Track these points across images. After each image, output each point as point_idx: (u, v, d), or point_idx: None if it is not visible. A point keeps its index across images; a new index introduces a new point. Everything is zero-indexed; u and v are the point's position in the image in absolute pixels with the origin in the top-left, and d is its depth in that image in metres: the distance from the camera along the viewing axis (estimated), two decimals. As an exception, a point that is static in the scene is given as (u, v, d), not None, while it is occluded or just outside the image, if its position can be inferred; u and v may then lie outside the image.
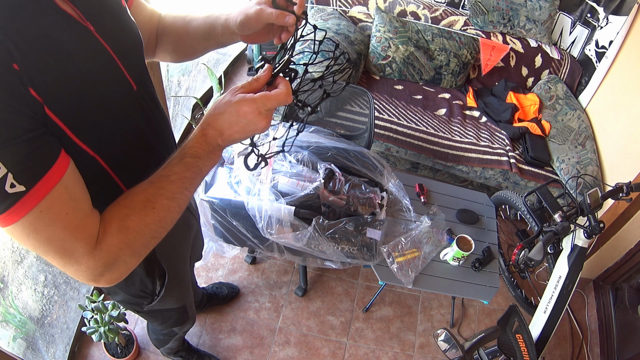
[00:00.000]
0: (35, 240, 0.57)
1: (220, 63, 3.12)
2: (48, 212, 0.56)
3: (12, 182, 0.52)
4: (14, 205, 0.53)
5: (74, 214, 0.59)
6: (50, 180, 0.56)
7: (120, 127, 0.74)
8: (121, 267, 0.65)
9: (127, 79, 0.74)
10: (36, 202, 0.55)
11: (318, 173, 1.56)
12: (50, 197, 0.56)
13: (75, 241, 0.59)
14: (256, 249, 1.58)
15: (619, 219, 2.02)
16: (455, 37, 2.57)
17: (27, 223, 0.55)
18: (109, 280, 0.65)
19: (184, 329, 1.46)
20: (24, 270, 1.62)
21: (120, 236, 0.63)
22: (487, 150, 2.32)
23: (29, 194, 0.54)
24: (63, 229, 0.58)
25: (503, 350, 1.47)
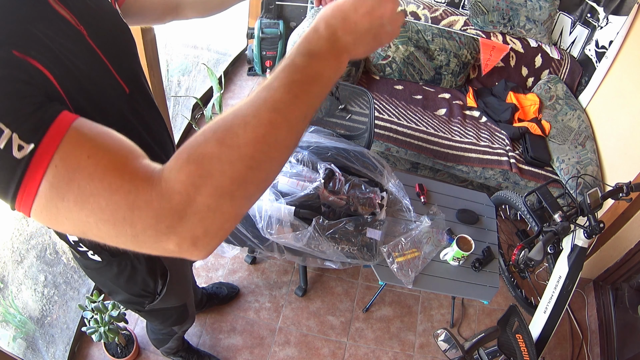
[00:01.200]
0: (67, 211, 0.44)
1: (220, 63, 3.12)
2: (64, 163, 0.44)
3: (20, 144, 0.43)
4: (28, 170, 0.43)
5: (99, 155, 0.45)
6: (60, 125, 0.45)
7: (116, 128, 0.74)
8: (201, 214, 0.44)
9: (119, 82, 0.74)
10: (50, 155, 0.44)
11: (318, 173, 1.56)
12: (63, 145, 0.44)
13: (111, 191, 0.43)
14: (256, 249, 1.58)
15: (619, 219, 2.02)
16: (455, 37, 2.57)
17: (49, 190, 0.44)
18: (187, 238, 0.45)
19: (183, 327, 1.45)
20: (24, 270, 1.62)
21: (191, 166, 0.44)
22: (487, 150, 2.32)
23: (39, 151, 0.43)
24: (88, 178, 0.44)
25: (503, 350, 1.47)
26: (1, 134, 0.43)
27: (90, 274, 1.02)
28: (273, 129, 0.47)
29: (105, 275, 0.98)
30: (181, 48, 2.86)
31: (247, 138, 0.46)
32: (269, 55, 2.99)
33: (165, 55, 2.39)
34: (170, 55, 2.52)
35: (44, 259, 1.71)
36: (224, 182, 0.45)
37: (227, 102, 2.93)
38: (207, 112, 2.46)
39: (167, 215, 0.44)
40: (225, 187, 0.45)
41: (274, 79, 0.49)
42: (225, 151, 0.45)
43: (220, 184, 0.45)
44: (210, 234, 0.46)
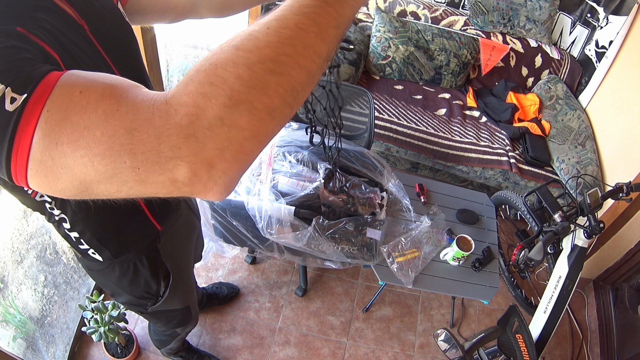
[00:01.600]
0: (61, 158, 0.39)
1: (220, 63, 3.12)
2: (55, 105, 0.39)
3: (12, 96, 0.39)
4: (21, 121, 0.39)
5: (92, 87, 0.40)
6: (53, 77, 0.41)
7: None
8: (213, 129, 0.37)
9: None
10: (42, 102, 0.39)
11: (318, 173, 1.56)
12: (55, 90, 0.40)
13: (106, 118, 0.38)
14: (256, 249, 1.58)
15: (619, 219, 2.02)
16: (455, 37, 2.57)
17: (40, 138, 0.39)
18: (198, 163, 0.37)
19: (186, 329, 1.46)
20: (24, 270, 1.62)
21: (201, 74, 0.38)
22: (487, 150, 2.32)
23: (32, 98, 0.39)
24: (81, 111, 0.38)
25: (503, 350, 1.47)
26: None
27: (93, 275, 1.02)
28: (300, 31, 0.40)
29: (108, 277, 0.98)
30: (181, 48, 2.86)
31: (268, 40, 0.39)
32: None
33: (165, 55, 2.39)
34: (170, 55, 2.52)
35: (44, 259, 1.71)
36: (240, 88, 0.37)
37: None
38: None
39: (172, 133, 0.36)
40: (242, 94, 0.37)
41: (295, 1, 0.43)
42: (242, 55, 0.38)
43: (235, 90, 0.37)
44: (227, 156, 0.38)
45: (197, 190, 0.39)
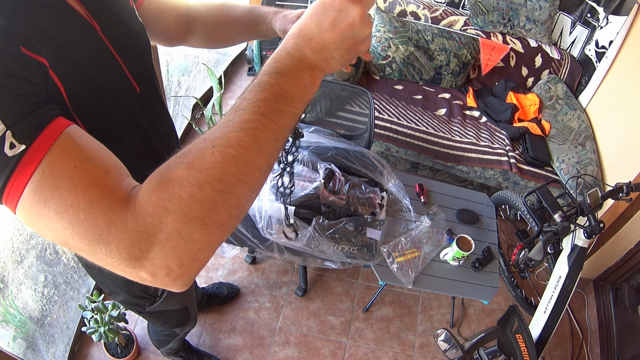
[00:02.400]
0: (46, 218, 0.44)
1: (220, 63, 3.12)
2: (51, 170, 0.44)
3: (12, 142, 0.43)
4: (16, 170, 0.43)
5: (85, 168, 0.45)
6: (53, 131, 0.45)
7: (124, 126, 0.73)
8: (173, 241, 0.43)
9: (131, 81, 0.73)
10: (38, 159, 0.44)
11: (318, 173, 1.56)
12: (53, 150, 0.44)
13: (90, 208, 0.43)
14: (256, 249, 1.58)
15: (619, 219, 2.02)
16: (455, 37, 2.57)
17: (33, 193, 0.44)
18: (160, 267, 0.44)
19: (185, 329, 1.46)
20: (24, 270, 1.62)
21: (162, 189, 0.44)
22: (487, 150, 2.32)
23: (29, 152, 0.44)
24: (71, 189, 0.43)
25: (503, 350, 1.47)
26: None
27: (91, 272, 1.02)
28: (241, 149, 0.46)
29: (106, 274, 0.98)
30: (181, 48, 2.86)
31: (214, 160, 0.44)
32: (269, 55, 2.93)
33: (165, 55, 2.40)
34: (170, 55, 2.52)
35: (44, 259, 1.72)
36: (193, 207, 0.43)
37: (227, 102, 2.93)
38: (207, 112, 2.46)
39: (140, 239, 0.43)
40: (195, 212, 0.43)
41: (242, 100, 0.49)
42: (193, 174, 0.44)
43: (190, 208, 0.43)
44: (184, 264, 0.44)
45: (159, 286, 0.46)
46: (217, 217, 0.45)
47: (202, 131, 2.60)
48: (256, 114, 0.47)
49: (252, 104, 0.48)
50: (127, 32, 0.74)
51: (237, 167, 0.45)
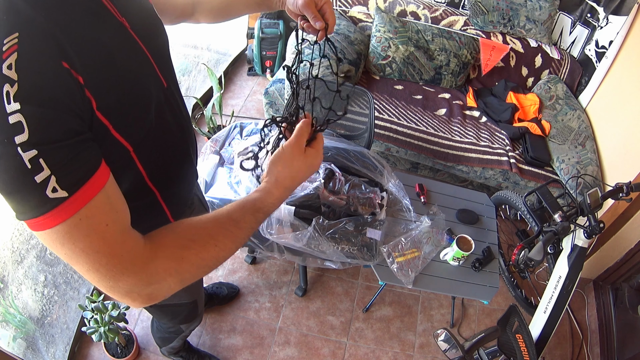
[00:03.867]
0: (69, 250, 0.53)
1: (220, 63, 3.12)
2: (87, 221, 0.52)
3: (55, 187, 0.49)
4: (53, 210, 0.50)
5: (114, 227, 0.56)
6: (93, 187, 0.53)
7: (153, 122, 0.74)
8: (163, 290, 0.61)
9: (159, 76, 0.75)
10: (77, 209, 0.51)
11: (318, 173, 1.56)
12: (91, 205, 0.53)
13: (113, 257, 0.55)
14: (256, 249, 1.58)
15: (619, 219, 2.02)
16: (455, 37, 2.57)
17: (64, 231, 0.51)
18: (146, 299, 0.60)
19: (191, 327, 1.44)
20: (24, 270, 1.62)
21: (173, 263, 0.61)
22: (487, 150, 2.32)
23: (70, 200, 0.50)
24: (101, 241, 0.54)
25: (503, 350, 1.47)
26: (41, 171, 0.48)
27: None
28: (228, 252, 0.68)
29: None
30: (181, 48, 2.87)
31: (212, 255, 0.65)
32: (269, 55, 2.99)
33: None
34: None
35: (44, 259, 1.72)
36: (187, 277, 0.63)
37: (227, 102, 2.93)
38: (207, 112, 2.46)
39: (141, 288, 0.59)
40: (186, 279, 0.63)
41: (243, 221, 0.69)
42: (196, 260, 0.63)
43: (184, 278, 0.63)
44: (160, 297, 0.62)
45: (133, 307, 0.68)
46: (193, 281, 0.65)
47: (202, 131, 2.60)
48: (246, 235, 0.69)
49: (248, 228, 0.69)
50: (151, 26, 0.76)
51: (220, 261, 0.68)
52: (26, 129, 0.46)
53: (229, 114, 2.65)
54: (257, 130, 1.75)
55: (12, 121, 0.46)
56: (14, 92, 0.46)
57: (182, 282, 0.62)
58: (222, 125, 2.55)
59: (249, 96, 3.04)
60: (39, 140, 0.47)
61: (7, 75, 0.46)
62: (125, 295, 0.58)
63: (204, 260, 0.64)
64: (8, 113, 0.46)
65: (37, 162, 0.47)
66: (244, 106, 2.97)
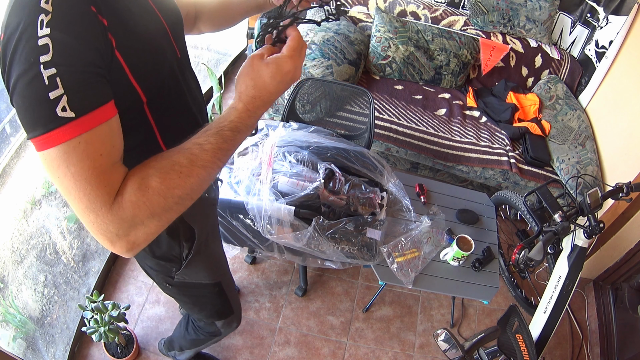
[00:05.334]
0: (62, 173, 0.56)
1: (220, 63, 3.12)
2: (85, 145, 0.56)
3: (65, 106, 0.54)
4: (58, 129, 0.55)
5: (107, 159, 0.59)
6: (99, 116, 0.58)
7: (169, 85, 0.81)
8: (139, 229, 0.61)
9: (173, 45, 0.82)
10: (80, 131, 0.56)
11: (318, 173, 1.56)
12: (93, 132, 0.57)
13: (97, 187, 0.57)
14: (256, 249, 1.58)
15: (619, 219, 2.02)
16: (455, 37, 2.57)
17: (63, 152, 0.55)
18: (127, 243, 0.61)
19: (228, 327, 1.36)
20: (24, 270, 1.62)
21: (139, 194, 0.60)
22: (487, 150, 2.32)
23: (76, 121, 0.55)
24: (91, 169, 0.57)
25: (503, 350, 1.47)
26: (56, 88, 0.54)
27: None
28: (199, 180, 0.64)
29: None
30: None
31: (178, 183, 0.62)
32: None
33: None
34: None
35: (44, 259, 1.72)
36: (157, 209, 0.61)
37: (227, 102, 2.93)
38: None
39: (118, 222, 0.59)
40: (157, 213, 0.62)
41: (206, 142, 0.65)
42: (163, 189, 0.61)
43: (155, 210, 0.61)
44: (140, 240, 0.63)
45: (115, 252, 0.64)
46: (169, 216, 0.64)
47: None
48: (214, 157, 0.65)
49: (214, 150, 0.65)
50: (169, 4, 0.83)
51: (193, 190, 0.65)
52: (51, 50, 0.54)
53: (229, 114, 2.65)
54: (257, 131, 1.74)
55: (41, 43, 0.53)
56: (47, 20, 0.54)
57: (154, 215, 0.61)
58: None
59: (249, 96, 3.04)
60: (60, 61, 0.54)
61: (44, 7, 0.54)
62: (104, 235, 0.60)
63: (170, 189, 0.62)
64: (39, 36, 0.53)
65: (54, 80, 0.54)
66: (244, 106, 2.97)
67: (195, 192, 0.65)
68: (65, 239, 1.84)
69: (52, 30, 0.54)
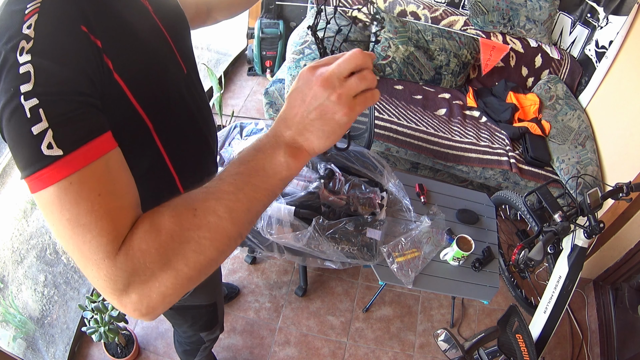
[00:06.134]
0: (57, 218, 0.48)
1: (220, 63, 3.12)
2: (79, 186, 0.48)
3: (50, 142, 0.47)
4: (46, 168, 0.47)
5: (107, 199, 0.49)
6: (92, 152, 0.49)
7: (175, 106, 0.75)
8: (151, 286, 0.49)
9: (179, 61, 0.76)
10: (71, 170, 0.47)
11: (318, 173, 1.56)
12: (87, 170, 0.48)
13: (98, 234, 0.48)
14: (256, 249, 1.58)
15: (619, 219, 2.02)
16: (455, 37, 2.57)
17: (54, 195, 0.47)
18: (140, 304, 0.49)
19: (211, 335, 1.36)
20: (24, 270, 1.63)
21: (148, 237, 0.49)
22: (487, 150, 2.32)
23: (64, 159, 0.47)
24: (89, 213, 0.48)
25: (503, 350, 1.47)
26: (39, 122, 0.47)
27: None
28: (217, 218, 0.51)
29: None
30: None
31: (194, 223, 0.50)
32: (269, 55, 2.99)
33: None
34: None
35: (44, 259, 1.72)
36: (170, 256, 0.49)
37: (227, 102, 2.93)
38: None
39: (124, 276, 0.48)
40: (170, 260, 0.49)
41: (225, 170, 0.54)
42: (177, 230, 0.50)
43: (167, 256, 0.49)
44: (151, 306, 0.50)
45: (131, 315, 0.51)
46: (189, 272, 0.50)
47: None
48: (232, 185, 0.52)
49: (231, 176, 0.52)
50: (173, 12, 0.78)
51: (211, 234, 0.51)
52: (32, 79, 0.48)
53: (229, 114, 2.65)
54: (257, 131, 1.75)
55: (22, 71, 0.48)
56: (28, 47, 0.48)
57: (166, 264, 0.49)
58: (222, 126, 2.55)
59: (249, 96, 3.04)
60: (42, 90, 0.48)
61: (26, 34, 0.49)
62: (111, 293, 0.49)
63: (185, 230, 0.50)
64: (20, 63, 0.48)
65: (36, 112, 0.47)
66: (244, 106, 2.97)
67: (214, 234, 0.51)
68: (65, 239, 1.83)
69: (32, 56, 0.48)
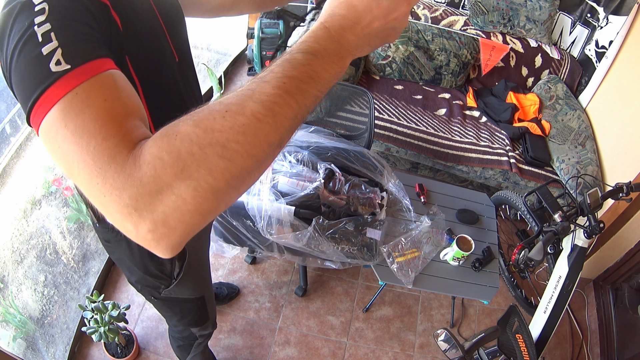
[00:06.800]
0: (61, 137, 0.45)
1: (220, 63, 3.12)
2: (85, 95, 0.46)
3: (59, 59, 0.47)
4: (53, 86, 0.46)
5: (113, 104, 0.47)
6: (100, 65, 0.49)
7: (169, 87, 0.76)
8: (166, 198, 0.41)
9: (172, 49, 0.77)
10: (78, 82, 0.46)
11: (318, 173, 1.56)
12: (92, 80, 0.47)
13: (104, 138, 0.43)
14: (256, 249, 1.58)
15: (619, 219, 2.02)
16: (455, 37, 2.57)
17: (59, 111, 0.45)
18: (154, 224, 0.42)
19: (203, 332, 1.36)
20: (24, 270, 1.63)
21: (164, 140, 0.43)
22: (487, 150, 2.32)
23: (72, 73, 0.46)
24: (94, 118, 0.44)
25: (503, 350, 1.47)
26: (49, 42, 0.47)
27: (109, 248, 0.98)
28: (255, 120, 0.43)
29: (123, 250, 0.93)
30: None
31: (223, 124, 0.42)
32: (269, 55, 2.99)
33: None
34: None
35: (44, 259, 1.72)
36: (190, 165, 0.41)
37: (227, 102, 2.93)
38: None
39: (133, 185, 0.42)
40: (191, 172, 0.41)
41: (268, 72, 0.47)
42: (198, 132, 0.42)
43: (186, 165, 0.41)
44: (169, 223, 0.43)
45: (141, 243, 0.44)
46: (213, 182, 0.42)
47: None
48: (280, 89, 0.45)
49: (278, 79, 0.46)
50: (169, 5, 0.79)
51: (246, 137, 0.43)
52: (47, 12, 0.49)
53: (229, 114, 2.65)
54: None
55: (37, 9, 0.49)
56: None
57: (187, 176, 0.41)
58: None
59: (249, 96, 3.04)
60: (55, 17, 0.49)
61: None
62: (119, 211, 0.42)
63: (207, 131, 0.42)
64: (35, 4, 0.49)
65: (48, 35, 0.48)
66: (244, 106, 2.97)
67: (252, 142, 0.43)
68: (65, 239, 1.84)
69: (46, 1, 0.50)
